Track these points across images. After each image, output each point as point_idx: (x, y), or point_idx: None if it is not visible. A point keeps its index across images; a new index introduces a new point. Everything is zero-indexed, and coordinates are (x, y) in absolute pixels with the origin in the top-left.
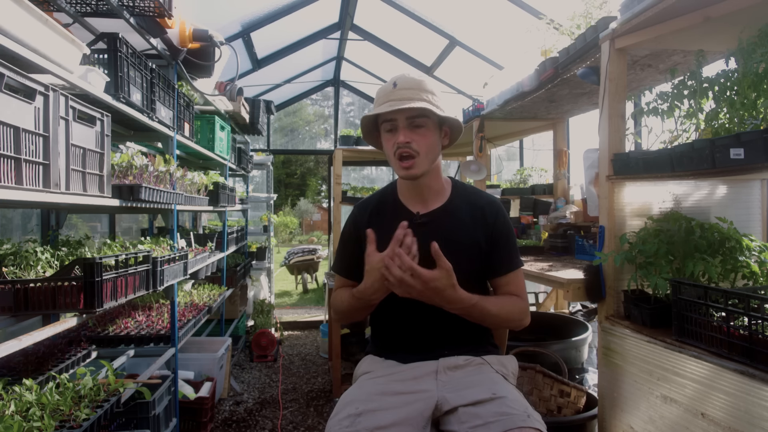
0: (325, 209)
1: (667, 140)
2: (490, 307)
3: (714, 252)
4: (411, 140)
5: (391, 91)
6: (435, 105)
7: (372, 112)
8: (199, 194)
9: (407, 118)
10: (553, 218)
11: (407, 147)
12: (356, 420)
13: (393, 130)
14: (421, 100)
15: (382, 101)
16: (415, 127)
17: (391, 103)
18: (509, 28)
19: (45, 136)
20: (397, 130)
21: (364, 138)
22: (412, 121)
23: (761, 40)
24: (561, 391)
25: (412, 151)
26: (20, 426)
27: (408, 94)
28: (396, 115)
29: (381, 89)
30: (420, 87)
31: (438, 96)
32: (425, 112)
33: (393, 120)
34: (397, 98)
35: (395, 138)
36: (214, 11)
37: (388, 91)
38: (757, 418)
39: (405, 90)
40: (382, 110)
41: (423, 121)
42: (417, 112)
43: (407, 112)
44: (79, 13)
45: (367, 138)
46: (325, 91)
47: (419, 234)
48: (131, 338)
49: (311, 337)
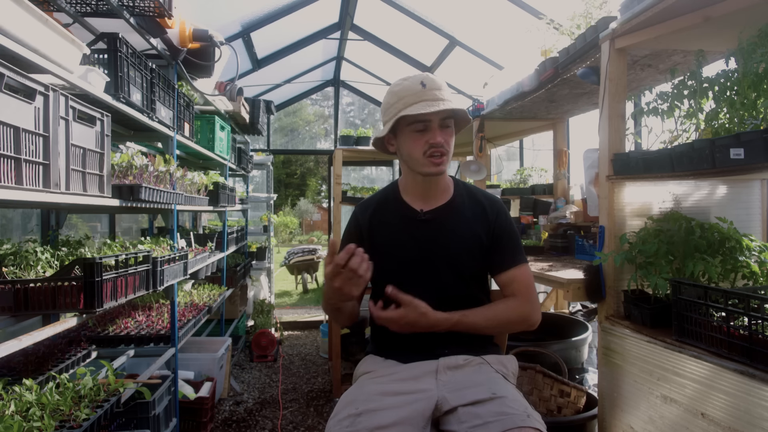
0: (325, 209)
1: (667, 140)
2: (476, 321)
3: (714, 252)
4: (445, 141)
5: (421, 91)
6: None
7: (408, 111)
8: (199, 194)
9: (442, 119)
10: (553, 218)
11: (442, 147)
12: (356, 420)
13: (425, 130)
14: (450, 101)
15: (413, 101)
16: (445, 127)
17: (427, 103)
18: (509, 28)
19: (45, 136)
20: (430, 130)
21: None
22: (444, 122)
23: (761, 40)
24: (561, 391)
25: (445, 151)
26: (20, 426)
27: (440, 94)
28: (432, 116)
29: (405, 88)
30: (446, 88)
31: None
32: (458, 113)
33: (427, 121)
34: (431, 98)
35: (427, 137)
36: (214, 11)
37: (416, 91)
38: (757, 418)
39: (436, 90)
40: (420, 110)
41: (450, 122)
42: (449, 113)
43: (443, 113)
44: (79, 13)
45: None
46: (325, 91)
47: (423, 231)
48: (131, 338)
49: (311, 337)
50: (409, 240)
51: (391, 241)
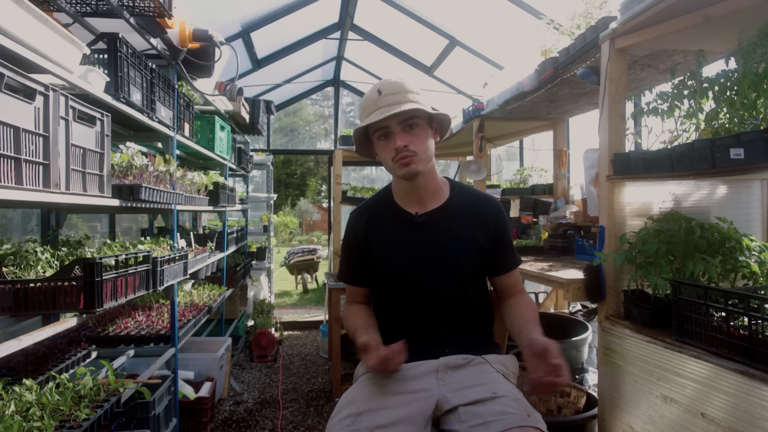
0: (325, 209)
1: (667, 140)
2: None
3: (714, 252)
4: (408, 142)
5: (377, 99)
6: (422, 104)
7: (363, 123)
8: (199, 194)
9: (400, 122)
10: (553, 218)
11: (406, 150)
12: (357, 419)
13: (387, 137)
14: (408, 102)
15: (371, 110)
16: (409, 128)
17: (381, 111)
18: (509, 28)
19: (45, 136)
20: (392, 136)
21: (357, 151)
22: (406, 124)
23: (761, 40)
24: (561, 391)
25: (411, 153)
26: (20, 426)
27: (395, 98)
28: (389, 122)
29: (365, 100)
30: (404, 89)
31: (420, 94)
32: (417, 113)
33: (386, 127)
34: (385, 104)
35: (391, 144)
36: (214, 11)
37: (374, 100)
38: (757, 418)
39: (391, 95)
40: (373, 119)
41: (415, 122)
42: (409, 114)
43: (398, 116)
44: (79, 13)
45: (360, 150)
46: (325, 91)
47: (419, 234)
48: (131, 338)
49: (311, 337)
50: (405, 244)
51: (387, 246)
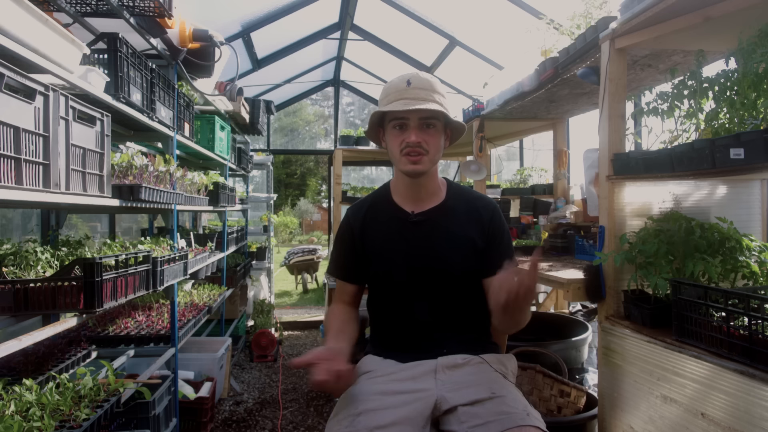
0: (325, 209)
1: (667, 140)
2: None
3: (714, 252)
4: (423, 140)
5: (405, 89)
6: (446, 108)
7: (385, 108)
8: (199, 194)
9: (420, 119)
10: (553, 218)
11: (418, 147)
12: (356, 420)
13: (402, 128)
14: (434, 102)
15: (395, 98)
16: (426, 126)
17: (405, 101)
18: (509, 28)
19: (45, 136)
20: (408, 129)
21: (366, 134)
22: (424, 122)
23: (761, 40)
24: (561, 391)
25: (422, 151)
26: (20, 426)
27: (422, 94)
28: (410, 114)
29: (392, 85)
30: (433, 88)
31: (446, 98)
32: (438, 115)
33: (405, 119)
34: (411, 97)
35: (404, 136)
36: (214, 11)
37: (401, 89)
38: (757, 418)
39: (419, 90)
40: (396, 107)
41: (434, 122)
42: (431, 114)
43: (421, 112)
44: (79, 13)
45: (369, 133)
46: (325, 91)
47: (415, 233)
48: (131, 338)
49: (311, 337)
50: (400, 242)
51: (382, 244)
